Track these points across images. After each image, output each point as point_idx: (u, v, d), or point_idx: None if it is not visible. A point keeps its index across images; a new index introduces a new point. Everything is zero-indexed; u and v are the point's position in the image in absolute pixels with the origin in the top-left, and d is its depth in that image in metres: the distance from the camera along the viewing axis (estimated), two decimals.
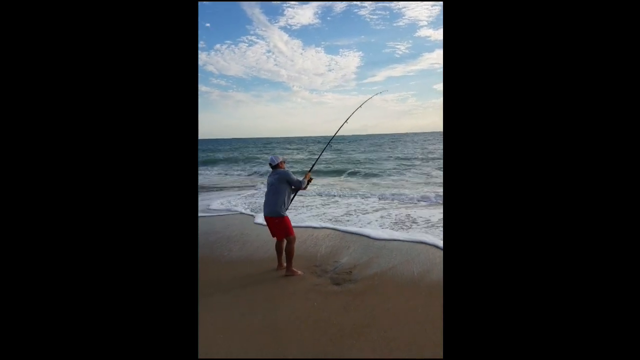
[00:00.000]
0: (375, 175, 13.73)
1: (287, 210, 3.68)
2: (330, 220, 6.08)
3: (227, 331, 2.49)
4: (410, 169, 15.53)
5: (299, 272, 3.66)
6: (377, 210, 6.79)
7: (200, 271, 3.84)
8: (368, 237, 4.91)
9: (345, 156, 24.69)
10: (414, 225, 5.51)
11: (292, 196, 3.80)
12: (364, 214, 6.54)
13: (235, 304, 2.98)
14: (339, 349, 2.27)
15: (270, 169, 3.80)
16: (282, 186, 3.62)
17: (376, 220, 5.94)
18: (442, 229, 5.26)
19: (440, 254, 4.06)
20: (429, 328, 2.48)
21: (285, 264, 3.72)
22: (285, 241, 3.70)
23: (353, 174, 14.52)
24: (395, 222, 5.75)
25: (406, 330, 2.47)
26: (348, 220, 6.03)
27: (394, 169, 15.89)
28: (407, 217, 6.05)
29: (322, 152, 5.04)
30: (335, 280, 3.44)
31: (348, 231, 5.25)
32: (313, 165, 4.41)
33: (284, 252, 3.75)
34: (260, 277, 3.63)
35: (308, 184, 3.85)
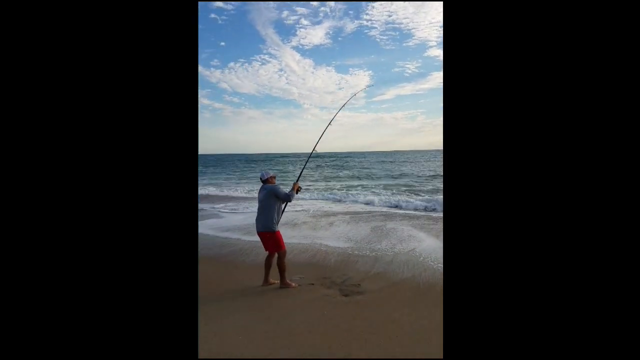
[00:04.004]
0: None
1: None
2: None
3: (242, 335, 2.67)
4: None
5: (293, 284, 3.76)
6: None
7: (206, 276, 4.02)
8: None
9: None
10: None
11: (282, 209, 3.88)
12: None
13: (244, 311, 3.17)
14: (347, 352, 2.44)
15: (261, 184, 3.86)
16: (271, 201, 3.69)
17: None
18: None
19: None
20: (430, 336, 2.63)
21: (272, 280, 3.81)
22: (276, 255, 3.78)
23: None
24: None
25: (407, 339, 2.62)
26: None
27: None
28: None
29: (307, 162, 4.92)
30: (344, 292, 3.60)
31: None
32: (300, 175, 4.54)
33: (271, 268, 3.82)
34: (264, 288, 3.79)
35: (297, 193, 3.91)
